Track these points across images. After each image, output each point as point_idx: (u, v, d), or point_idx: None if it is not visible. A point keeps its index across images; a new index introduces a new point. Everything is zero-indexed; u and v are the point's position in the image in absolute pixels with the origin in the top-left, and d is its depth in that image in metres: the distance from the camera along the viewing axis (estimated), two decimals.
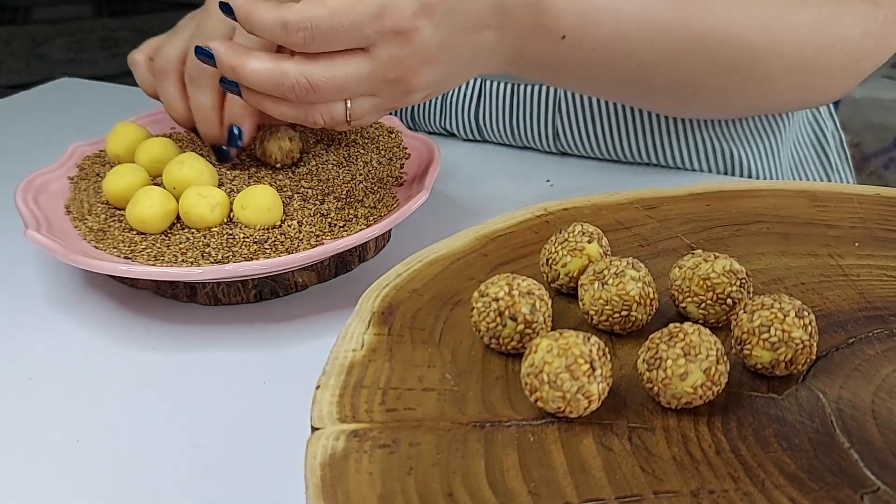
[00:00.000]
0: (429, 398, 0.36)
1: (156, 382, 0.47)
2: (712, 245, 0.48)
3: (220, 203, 0.52)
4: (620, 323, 0.40)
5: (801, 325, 0.36)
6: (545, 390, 0.34)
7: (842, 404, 0.35)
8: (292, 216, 0.53)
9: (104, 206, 0.56)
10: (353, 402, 0.36)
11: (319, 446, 0.33)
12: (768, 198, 0.52)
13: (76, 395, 0.46)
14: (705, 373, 0.34)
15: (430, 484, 0.31)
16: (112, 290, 0.55)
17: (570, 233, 0.43)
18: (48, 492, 0.40)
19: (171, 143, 0.59)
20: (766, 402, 0.36)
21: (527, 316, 0.38)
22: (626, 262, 0.40)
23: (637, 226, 0.50)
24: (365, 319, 0.41)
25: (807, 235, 0.48)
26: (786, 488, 0.31)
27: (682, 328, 0.35)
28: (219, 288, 0.53)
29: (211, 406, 0.45)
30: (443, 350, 0.39)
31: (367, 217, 0.54)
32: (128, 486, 0.40)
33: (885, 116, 1.87)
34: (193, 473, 0.41)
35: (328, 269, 0.55)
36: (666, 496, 0.31)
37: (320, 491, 0.31)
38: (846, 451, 0.33)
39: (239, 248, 0.50)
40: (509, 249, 0.47)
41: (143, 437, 0.43)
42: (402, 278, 0.44)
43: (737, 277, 0.40)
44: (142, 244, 0.51)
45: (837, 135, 0.83)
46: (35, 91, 0.94)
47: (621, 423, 0.35)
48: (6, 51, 3.34)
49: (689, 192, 0.53)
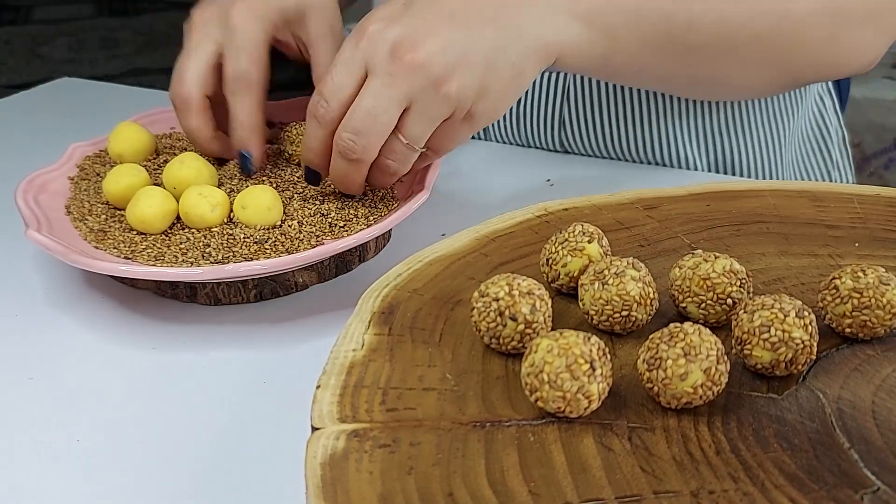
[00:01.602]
0: (429, 398, 0.36)
1: (156, 382, 0.47)
2: (712, 245, 0.48)
3: (220, 203, 0.52)
4: (621, 323, 0.40)
5: (802, 325, 0.36)
6: (545, 390, 0.34)
7: (842, 404, 0.35)
8: (292, 216, 0.53)
9: (104, 207, 0.56)
10: (354, 401, 0.36)
11: (320, 446, 0.33)
12: (769, 198, 0.52)
13: (76, 395, 0.46)
14: (705, 373, 0.34)
15: (430, 484, 0.31)
16: (112, 290, 0.55)
17: (571, 233, 0.43)
18: (48, 492, 0.40)
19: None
20: (766, 403, 0.36)
21: (527, 316, 0.38)
22: (626, 262, 0.40)
23: (637, 226, 0.50)
24: (365, 319, 0.41)
25: (807, 235, 0.48)
26: (786, 488, 0.31)
27: (683, 328, 0.35)
28: (219, 288, 0.53)
29: (211, 406, 0.45)
30: (443, 350, 0.39)
31: (367, 217, 0.54)
32: (128, 486, 0.40)
33: (886, 117, 1.87)
34: (193, 473, 0.41)
35: (328, 269, 0.55)
36: (666, 496, 0.31)
37: (320, 491, 0.31)
38: (846, 452, 0.33)
39: (239, 249, 0.50)
40: (509, 249, 0.47)
41: (143, 436, 0.43)
42: (403, 278, 0.44)
43: (737, 277, 0.40)
44: (142, 244, 0.51)
45: (841, 132, 0.83)
46: (35, 91, 0.94)
47: (621, 423, 0.35)
48: (6, 50, 3.34)
49: (689, 192, 0.53)
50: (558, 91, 0.74)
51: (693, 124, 0.73)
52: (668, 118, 0.72)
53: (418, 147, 0.51)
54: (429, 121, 0.50)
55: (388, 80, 0.48)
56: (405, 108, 0.49)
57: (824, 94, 0.81)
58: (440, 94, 0.48)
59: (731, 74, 0.62)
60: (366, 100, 0.49)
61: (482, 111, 0.51)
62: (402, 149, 0.51)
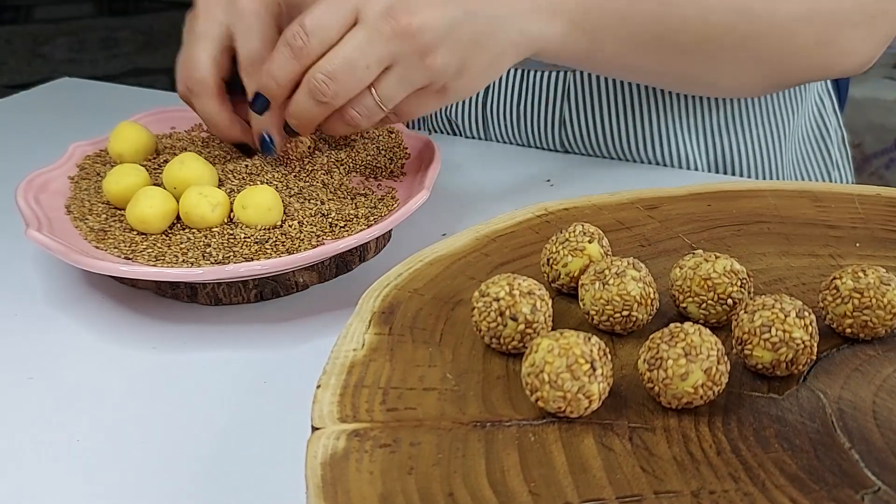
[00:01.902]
0: (429, 398, 0.36)
1: (156, 382, 0.47)
2: (713, 245, 0.48)
3: (220, 203, 0.52)
4: (621, 323, 0.40)
5: (802, 325, 0.36)
6: (546, 390, 0.34)
7: (842, 405, 0.35)
8: (293, 216, 0.53)
9: (105, 206, 0.56)
10: (354, 401, 0.35)
11: (320, 446, 0.33)
12: (769, 198, 0.52)
13: (76, 395, 0.46)
14: (706, 373, 0.34)
15: (430, 484, 0.31)
16: (112, 290, 0.55)
17: (571, 233, 0.43)
18: (48, 492, 0.40)
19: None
20: (767, 403, 0.36)
21: (527, 316, 0.38)
22: (626, 262, 0.40)
23: (638, 226, 0.50)
24: (366, 319, 0.41)
25: (808, 236, 0.48)
26: (786, 488, 0.31)
27: (683, 328, 0.35)
28: (219, 288, 0.53)
29: (211, 406, 0.45)
30: (443, 350, 0.39)
31: (367, 217, 0.54)
32: (128, 486, 0.40)
33: (886, 117, 1.87)
34: (193, 473, 0.41)
35: (329, 269, 0.55)
36: (666, 496, 0.31)
37: (321, 490, 0.31)
38: (847, 452, 0.33)
39: (240, 249, 0.50)
40: (510, 249, 0.47)
41: (144, 436, 0.43)
42: (403, 278, 0.44)
43: (738, 277, 0.40)
44: (142, 244, 0.51)
45: (840, 132, 0.84)
46: (35, 91, 0.94)
47: (622, 423, 0.35)
48: (7, 50, 3.35)
49: (689, 192, 0.53)
50: (559, 91, 0.74)
51: (693, 123, 0.73)
52: (669, 117, 0.72)
53: (387, 108, 0.52)
54: (405, 86, 0.51)
55: (376, 36, 0.49)
56: (385, 67, 0.50)
57: (824, 95, 0.81)
58: (423, 63, 0.50)
59: (718, 75, 0.63)
60: (349, 48, 0.49)
61: (456, 88, 0.53)
62: (372, 105, 0.51)
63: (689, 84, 0.65)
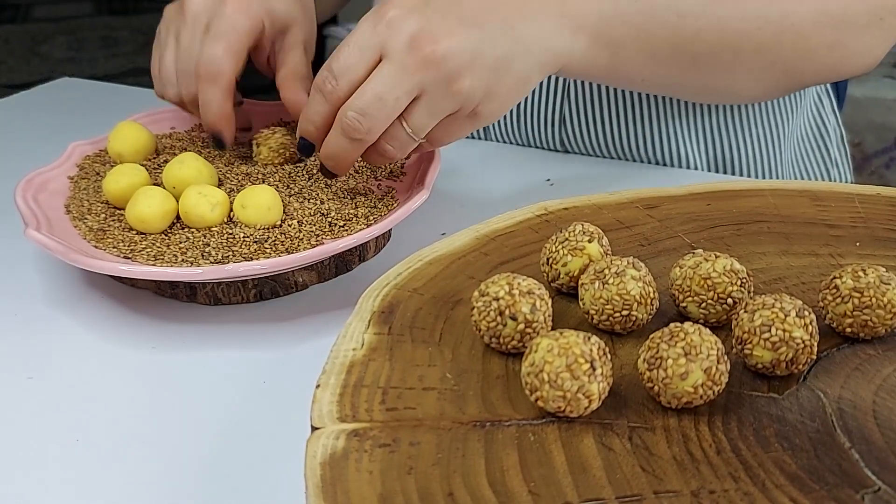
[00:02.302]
0: (429, 397, 0.36)
1: (156, 382, 0.47)
2: (713, 244, 0.48)
3: (220, 203, 0.52)
4: (621, 322, 0.40)
5: (802, 324, 0.36)
6: (545, 390, 0.34)
7: (842, 404, 0.35)
8: (292, 216, 0.53)
9: (104, 206, 0.56)
10: (354, 401, 0.35)
11: (319, 446, 0.33)
12: (769, 197, 0.52)
13: (76, 395, 0.46)
14: (706, 372, 0.34)
15: (430, 483, 0.31)
16: (112, 290, 0.55)
17: (571, 232, 0.43)
18: (48, 492, 0.40)
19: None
20: (767, 402, 0.36)
21: (527, 315, 0.38)
22: (626, 262, 0.40)
23: (638, 225, 0.50)
24: (365, 319, 0.41)
25: (808, 235, 0.48)
26: (786, 488, 0.31)
27: (683, 328, 0.35)
28: (219, 288, 0.53)
29: (211, 406, 0.45)
30: (443, 349, 0.39)
31: (367, 217, 0.54)
32: (128, 486, 0.40)
33: (887, 116, 1.87)
34: (193, 473, 0.41)
35: (328, 269, 0.55)
36: (666, 496, 0.31)
37: (320, 490, 0.31)
38: (847, 451, 0.33)
39: (239, 248, 0.50)
40: (510, 249, 0.47)
41: (143, 436, 0.43)
42: (403, 278, 0.44)
43: (737, 277, 0.40)
44: (142, 244, 0.51)
45: (839, 130, 0.84)
46: (35, 91, 0.94)
47: (622, 423, 0.35)
48: (6, 50, 3.34)
49: (689, 191, 0.53)
50: (558, 90, 0.74)
51: (693, 123, 0.73)
52: (668, 117, 0.72)
53: (419, 137, 0.52)
54: (435, 114, 0.51)
55: (402, 68, 0.49)
56: (414, 98, 0.50)
57: (822, 94, 0.81)
58: (451, 90, 0.50)
59: (735, 83, 0.63)
60: (377, 83, 0.49)
61: (486, 111, 0.53)
62: (404, 136, 0.52)
63: (709, 93, 0.66)
